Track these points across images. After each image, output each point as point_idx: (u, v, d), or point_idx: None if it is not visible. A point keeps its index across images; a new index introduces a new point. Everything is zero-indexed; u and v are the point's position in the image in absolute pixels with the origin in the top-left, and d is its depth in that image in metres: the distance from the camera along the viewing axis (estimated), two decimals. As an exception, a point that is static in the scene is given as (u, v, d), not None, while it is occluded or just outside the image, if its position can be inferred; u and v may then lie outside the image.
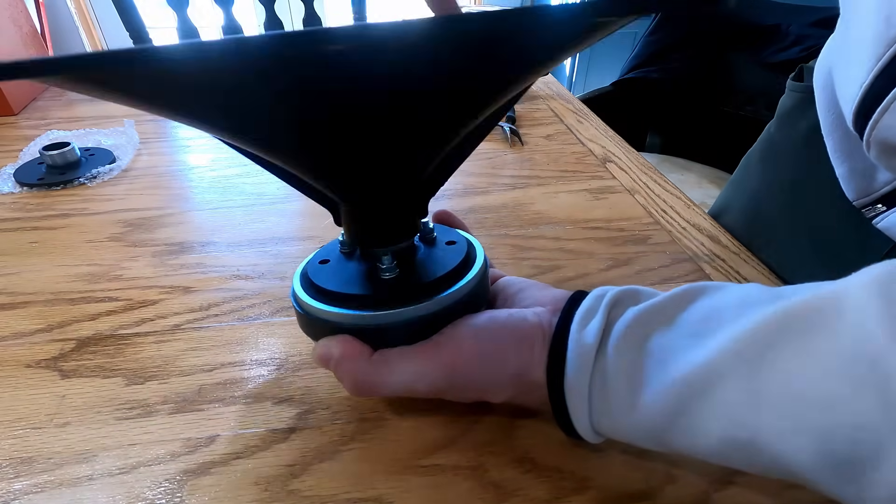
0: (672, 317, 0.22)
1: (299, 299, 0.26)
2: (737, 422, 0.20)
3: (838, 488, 0.19)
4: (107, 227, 0.45)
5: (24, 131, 0.63)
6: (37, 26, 0.97)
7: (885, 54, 0.26)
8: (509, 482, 0.25)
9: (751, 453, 0.20)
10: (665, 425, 0.21)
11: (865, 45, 0.28)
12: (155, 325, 0.34)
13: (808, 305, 0.19)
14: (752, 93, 1.21)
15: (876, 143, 0.29)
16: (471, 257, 0.28)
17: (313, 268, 0.28)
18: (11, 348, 0.32)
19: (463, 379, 0.24)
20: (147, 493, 0.24)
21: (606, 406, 0.22)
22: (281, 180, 0.30)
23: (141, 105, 0.18)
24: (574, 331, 0.23)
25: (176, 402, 0.29)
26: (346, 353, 0.24)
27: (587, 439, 0.24)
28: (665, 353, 0.21)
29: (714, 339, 0.20)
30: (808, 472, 0.19)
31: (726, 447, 0.20)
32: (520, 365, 0.24)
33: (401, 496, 0.25)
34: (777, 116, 0.49)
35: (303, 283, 0.27)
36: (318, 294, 0.26)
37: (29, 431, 0.27)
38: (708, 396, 0.20)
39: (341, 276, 0.27)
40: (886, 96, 0.27)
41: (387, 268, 0.25)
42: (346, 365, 0.24)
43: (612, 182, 0.54)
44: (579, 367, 0.22)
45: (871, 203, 0.35)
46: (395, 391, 0.25)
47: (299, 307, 0.26)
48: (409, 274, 0.26)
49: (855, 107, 0.29)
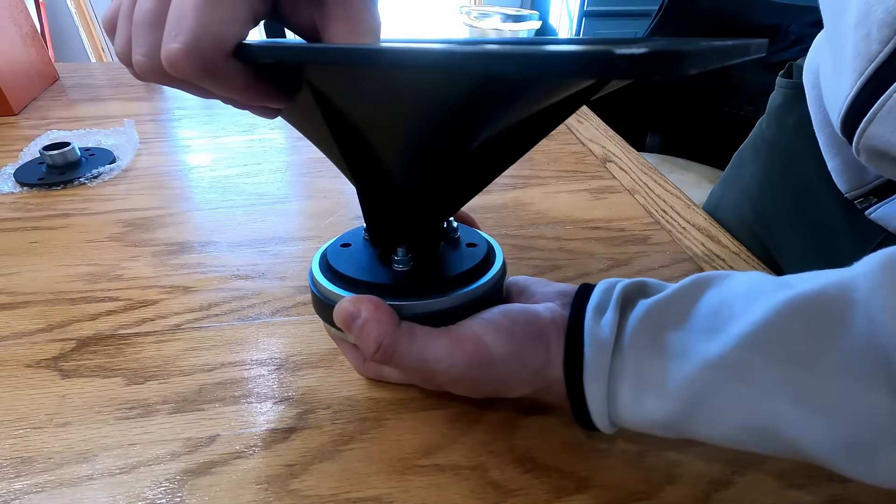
0: (684, 311, 0.22)
1: (314, 279, 0.27)
2: (754, 411, 0.20)
3: (851, 467, 0.19)
4: (107, 227, 0.45)
5: (24, 131, 0.63)
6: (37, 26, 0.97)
7: (867, 70, 0.28)
8: (509, 482, 0.25)
9: (767, 438, 0.21)
10: (683, 417, 0.21)
11: (848, 60, 0.29)
12: (155, 325, 0.34)
13: (818, 296, 0.20)
14: (752, 93, 1.21)
15: (864, 149, 0.30)
16: (489, 261, 0.28)
17: (333, 250, 0.28)
18: (11, 348, 0.32)
19: (483, 372, 0.24)
20: (147, 492, 0.24)
21: (625, 399, 0.22)
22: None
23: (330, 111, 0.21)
24: (588, 326, 0.23)
25: (176, 401, 0.29)
26: (374, 315, 0.23)
27: (603, 431, 0.24)
28: (680, 347, 0.22)
29: (727, 332, 0.21)
30: (823, 454, 0.20)
31: (743, 434, 0.21)
32: (537, 363, 0.24)
33: (401, 496, 0.25)
34: (767, 113, 0.49)
35: (321, 264, 0.28)
36: (333, 277, 0.26)
37: (29, 431, 0.27)
38: (725, 388, 0.20)
39: (359, 262, 0.27)
40: (871, 108, 0.28)
41: (400, 259, 0.26)
42: (373, 326, 0.23)
43: (612, 182, 0.54)
44: (597, 362, 0.22)
45: (863, 195, 0.36)
46: (412, 366, 0.24)
47: (314, 287, 0.27)
48: (425, 268, 0.26)
49: (841, 117, 0.30)
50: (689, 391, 0.21)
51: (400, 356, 0.24)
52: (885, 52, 0.26)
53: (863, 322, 0.18)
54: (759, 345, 0.20)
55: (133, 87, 0.78)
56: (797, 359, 0.19)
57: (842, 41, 0.29)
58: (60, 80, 0.81)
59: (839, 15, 0.30)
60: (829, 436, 0.19)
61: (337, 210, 0.48)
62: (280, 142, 0.62)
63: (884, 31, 0.26)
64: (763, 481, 0.25)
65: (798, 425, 0.19)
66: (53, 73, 0.80)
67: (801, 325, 0.19)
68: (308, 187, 0.52)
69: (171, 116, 0.69)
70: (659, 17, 1.34)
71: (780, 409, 0.19)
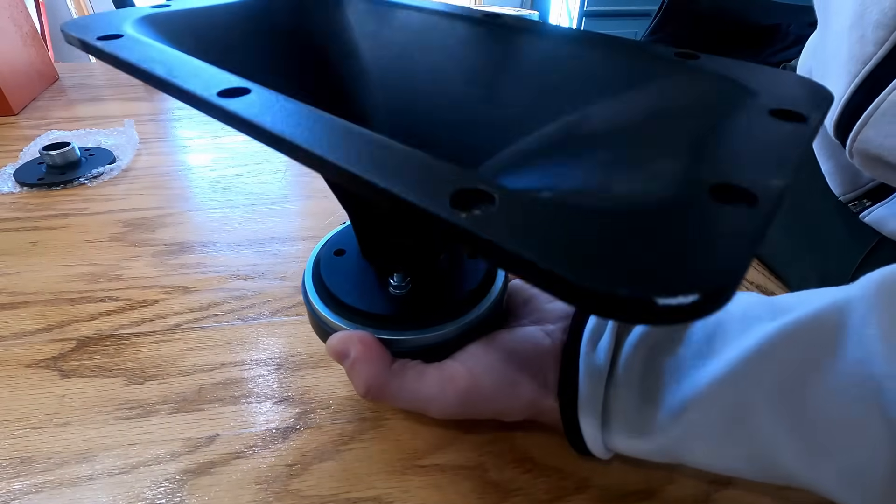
0: (678, 336, 0.22)
1: (308, 298, 0.26)
2: (750, 443, 0.20)
3: (850, 498, 0.19)
4: (107, 227, 0.45)
5: (24, 131, 0.63)
6: (37, 26, 0.97)
7: (861, 72, 0.27)
8: (509, 482, 0.25)
9: (765, 469, 0.20)
10: (678, 444, 0.21)
11: (841, 62, 0.29)
12: (155, 325, 0.34)
13: (811, 322, 0.19)
14: (752, 93, 1.20)
15: (857, 153, 0.30)
16: (490, 277, 0.26)
17: (326, 260, 0.27)
18: (11, 348, 0.32)
19: (476, 407, 0.24)
20: (147, 492, 0.24)
21: (620, 427, 0.22)
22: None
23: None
24: (584, 353, 0.23)
25: (176, 401, 0.29)
26: (364, 356, 0.23)
27: (598, 456, 0.24)
28: (675, 374, 0.22)
29: (721, 358, 0.21)
30: (822, 485, 0.19)
31: (739, 463, 0.21)
32: (532, 395, 0.24)
33: (401, 496, 0.25)
34: None
35: (314, 277, 0.26)
36: (329, 299, 0.25)
37: (29, 431, 0.27)
38: (719, 421, 0.20)
39: (354, 281, 0.25)
40: (864, 111, 0.28)
41: (397, 285, 0.25)
42: (362, 367, 0.23)
43: (612, 182, 0.54)
44: (591, 394, 0.22)
45: (857, 198, 0.36)
46: (403, 404, 0.24)
47: (308, 303, 0.26)
48: (422, 292, 0.25)
49: (835, 120, 0.30)
50: (684, 420, 0.21)
51: (390, 396, 0.24)
52: (879, 54, 0.26)
53: (856, 350, 0.18)
54: (752, 375, 0.20)
55: (133, 87, 0.78)
56: (791, 389, 0.19)
57: (836, 43, 0.29)
58: (60, 80, 0.80)
59: (833, 17, 0.29)
60: (828, 467, 0.19)
61: (337, 210, 0.48)
62: (280, 142, 0.62)
63: (879, 32, 0.26)
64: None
65: (796, 457, 0.19)
66: (53, 73, 0.80)
67: (795, 355, 0.19)
68: (308, 187, 0.52)
69: (171, 116, 0.69)
70: (659, 17, 1.34)
71: (778, 441, 0.19)
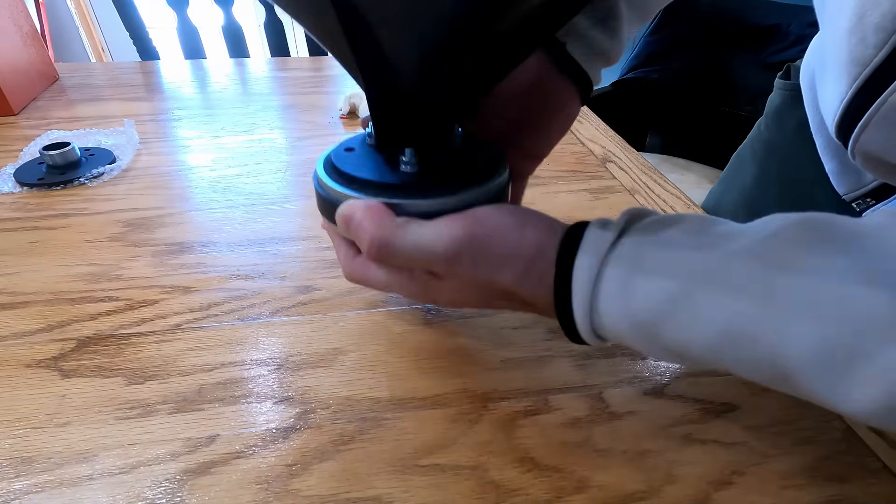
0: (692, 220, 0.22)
1: (319, 179, 0.27)
2: (739, 312, 0.20)
3: (826, 389, 0.19)
4: (107, 227, 0.45)
5: (24, 131, 0.63)
6: (37, 26, 0.97)
7: (861, 74, 0.27)
8: (509, 482, 0.25)
9: (745, 344, 0.20)
10: (665, 314, 0.21)
11: (842, 64, 0.29)
12: (155, 324, 0.34)
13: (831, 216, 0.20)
14: (752, 93, 1.21)
15: (860, 154, 0.30)
16: (495, 166, 0.27)
17: (338, 154, 0.28)
18: (11, 348, 0.32)
19: (480, 248, 0.23)
20: (147, 492, 0.24)
21: (608, 290, 0.22)
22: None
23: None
24: (594, 225, 0.23)
25: (176, 401, 0.29)
26: (368, 213, 0.24)
27: (585, 337, 0.23)
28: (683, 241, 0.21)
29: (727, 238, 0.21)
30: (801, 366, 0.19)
31: (722, 340, 0.20)
32: (538, 242, 0.23)
33: (401, 496, 0.25)
34: (766, 114, 0.49)
35: (325, 166, 0.28)
36: (339, 177, 0.27)
37: (29, 431, 0.27)
38: (713, 288, 0.20)
39: (364, 164, 0.27)
40: (865, 112, 0.28)
41: (407, 161, 0.26)
42: (368, 223, 0.24)
43: (612, 182, 0.54)
44: (592, 250, 0.22)
45: (860, 197, 0.36)
46: (408, 257, 0.24)
47: (319, 187, 0.27)
48: (431, 170, 0.26)
49: (836, 121, 0.30)
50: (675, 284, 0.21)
51: (395, 247, 0.24)
52: (879, 57, 0.26)
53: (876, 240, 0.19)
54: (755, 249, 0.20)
55: (133, 87, 0.78)
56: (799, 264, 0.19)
57: (836, 45, 0.29)
58: (60, 80, 0.80)
59: (833, 19, 0.30)
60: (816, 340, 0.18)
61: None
62: (280, 142, 0.62)
63: (879, 35, 0.26)
64: (763, 481, 0.25)
65: (783, 327, 0.19)
66: (53, 73, 0.80)
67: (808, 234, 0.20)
68: (308, 187, 0.52)
69: (171, 116, 0.69)
70: (659, 17, 1.34)
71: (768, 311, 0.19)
